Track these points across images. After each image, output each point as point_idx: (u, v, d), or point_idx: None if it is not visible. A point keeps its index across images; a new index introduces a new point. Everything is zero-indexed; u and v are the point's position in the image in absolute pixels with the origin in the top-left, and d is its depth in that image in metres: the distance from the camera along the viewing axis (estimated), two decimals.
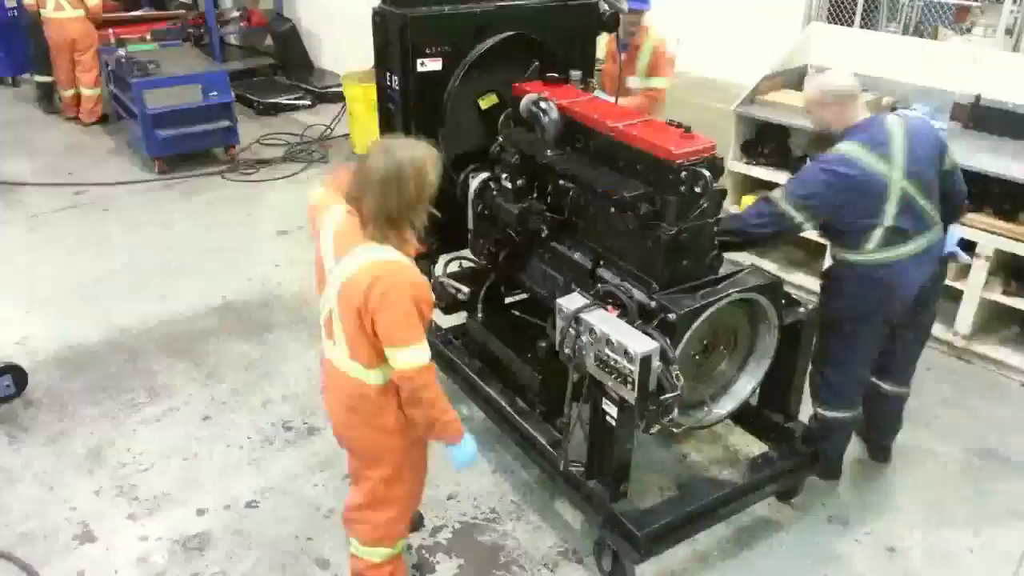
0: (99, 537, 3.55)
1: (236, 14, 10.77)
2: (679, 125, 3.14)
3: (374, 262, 2.52)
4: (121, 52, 7.74)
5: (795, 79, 5.67)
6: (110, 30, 8.87)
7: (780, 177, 5.41)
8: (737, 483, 3.44)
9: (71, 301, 5.40)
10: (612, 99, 4.21)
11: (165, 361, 4.74)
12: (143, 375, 4.63)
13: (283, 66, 10.27)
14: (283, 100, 9.32)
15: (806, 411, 3.71)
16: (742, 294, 3.06)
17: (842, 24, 7.80)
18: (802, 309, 3.42)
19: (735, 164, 5.60)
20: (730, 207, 5.74)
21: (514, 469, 3.85)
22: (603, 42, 5.14)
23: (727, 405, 3.35)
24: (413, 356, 2.53)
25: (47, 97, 8.98)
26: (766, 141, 5.57)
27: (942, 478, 3.92)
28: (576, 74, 3.85)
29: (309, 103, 9.33)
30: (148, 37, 8.85)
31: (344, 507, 3.04)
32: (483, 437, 3.94)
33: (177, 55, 8.13)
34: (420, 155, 2.56)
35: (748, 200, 5.66)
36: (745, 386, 3.36)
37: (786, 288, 3.31)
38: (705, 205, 3.02)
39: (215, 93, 7.40)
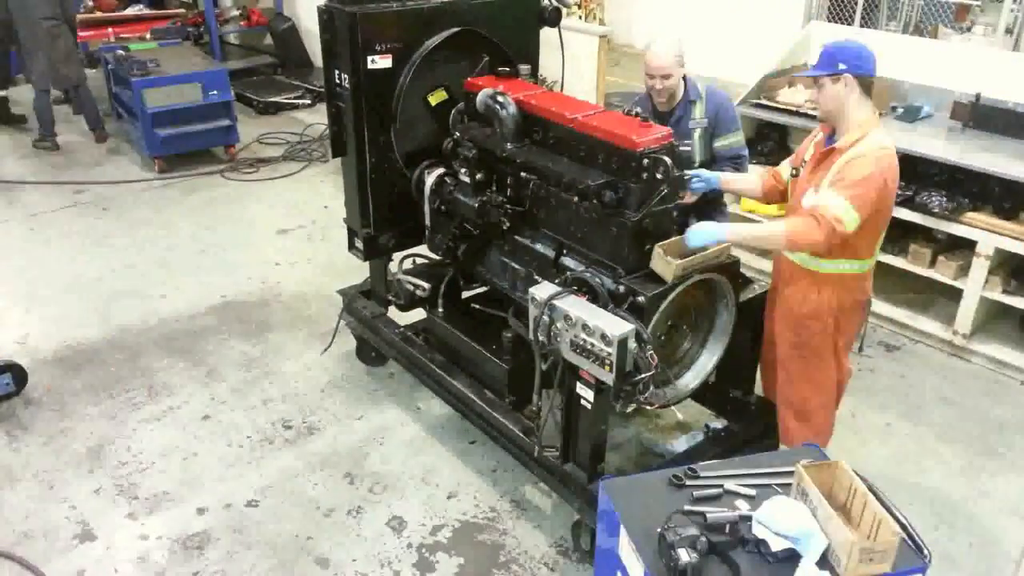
0: (99, 536, 3.55)
1: (236, 13, 10.79)
2: (637, 115, 3.24)
3: None
4: (121, 51, 7.73)
5: (795, 78, 5.65)
6: (110, 29, 8.86)
7: None
8: (703, 457, 3.45)
9: (71, 300, 5.40)
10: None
11: (165, 360, 4.74)
12: (143, 374, 4.63)
13: (283, 65, 10.28)
14: (283, 99, 9.31)
15: None
16: (703, 275, 3.11)
17: (842, 23, 7.81)
18: (756, 287, 3.51)
19: None
20: (731, 207, 5.73)
21: (514, 468, 3.84)
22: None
23: (691, 381, 3.42)
24: None
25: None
26: (766, 140, 5.56)
27: (942, 478, 3.92)
28: (526, 68, 3.89)
29: (309, 102, 9.32)
30: (148, 36, 8.84)
31: None
32: (482, 436, 3.95)
33: (177, 54, 8.12)
34: None
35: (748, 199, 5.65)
36: (707, 363, 3.42)
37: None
38: (666, 191, 3.10)
39: (215, 92, 7.39)
